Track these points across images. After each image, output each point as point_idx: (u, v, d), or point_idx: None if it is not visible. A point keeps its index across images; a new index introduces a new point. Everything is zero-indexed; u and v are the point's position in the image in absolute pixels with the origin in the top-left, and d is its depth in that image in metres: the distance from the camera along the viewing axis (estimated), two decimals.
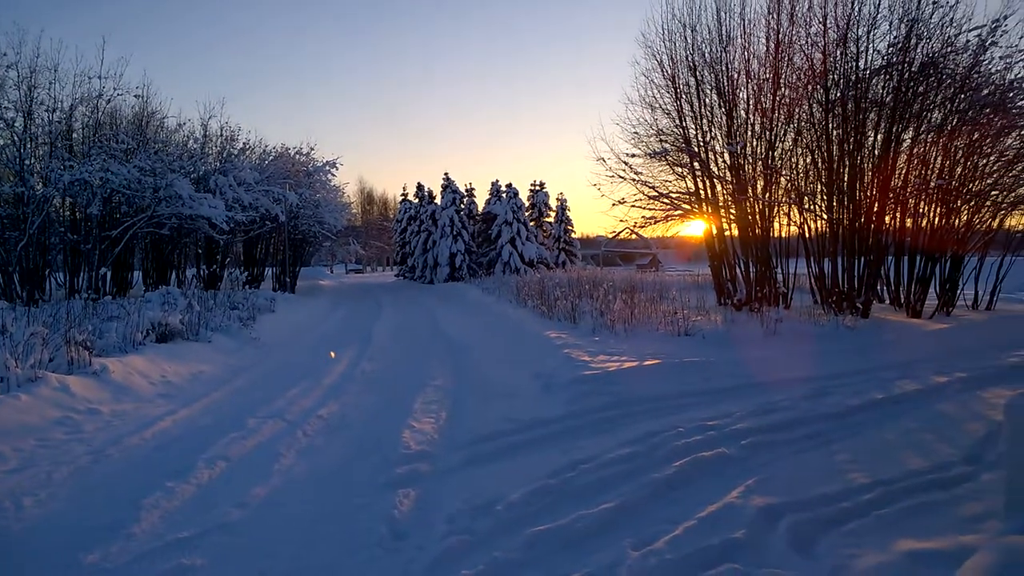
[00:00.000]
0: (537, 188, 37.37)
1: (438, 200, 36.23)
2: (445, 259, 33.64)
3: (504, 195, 34.10)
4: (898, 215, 13.64)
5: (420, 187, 38.04)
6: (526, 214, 34.80)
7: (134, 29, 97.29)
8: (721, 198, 13.96)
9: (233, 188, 19.45)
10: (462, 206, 35.49)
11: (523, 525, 3.84)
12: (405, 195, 40.43)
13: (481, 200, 36.59)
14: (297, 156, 25.53)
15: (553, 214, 37.35)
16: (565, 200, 37.45)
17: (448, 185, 35.22)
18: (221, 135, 22.24)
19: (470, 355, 10.29)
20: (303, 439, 5.86)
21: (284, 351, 11.20)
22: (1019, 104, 12.51)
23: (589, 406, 6.62)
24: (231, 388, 8.16)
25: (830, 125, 12.80)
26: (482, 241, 35.06)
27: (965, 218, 14.09)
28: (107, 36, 27.22)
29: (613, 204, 14.65)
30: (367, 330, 13.96)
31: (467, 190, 36.59)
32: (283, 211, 22.19)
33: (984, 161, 13.43)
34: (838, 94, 12.62)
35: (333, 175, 26.91)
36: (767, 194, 13.48)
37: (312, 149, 26.46)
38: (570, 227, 37.49)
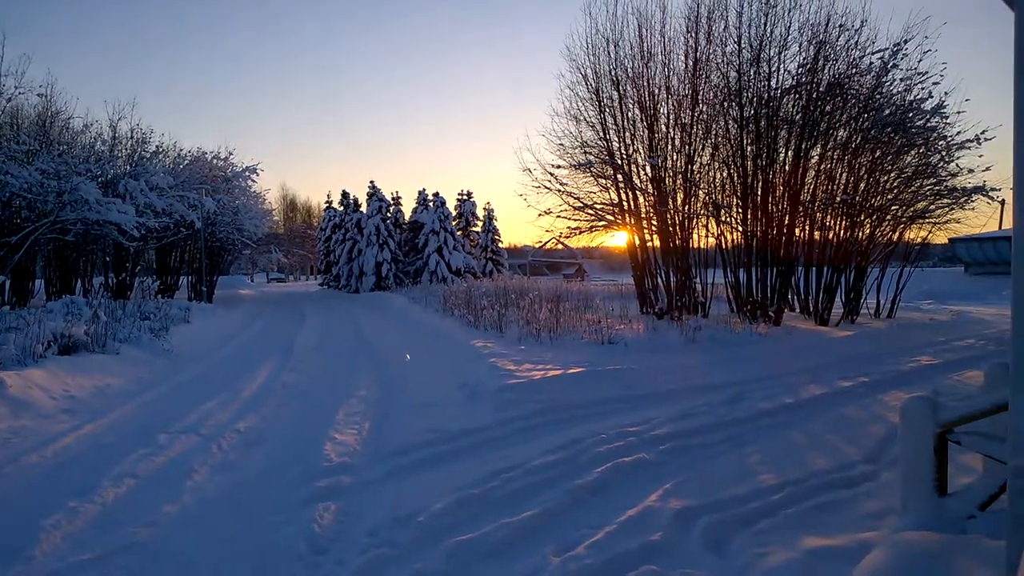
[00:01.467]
0: (464, 197, 37.37)
1: (364, 208, 35.70)
2: (371, 268, 33.15)
3: (431, 204, 33.92)
4: (807, 228, 14.40)
5: (345, 195, 37.41)
6: (453, 223, 34.73)
7: (38, 26, 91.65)
8: (643, 210, 14.34)
9: (145, 193, 18.58)
10: (388, 215, 35.09)
11: (446, 535, 3.82)
12: (330, 203, 39.68)
13: (408, 209, 36.29)
14: (215, 161, 24.63)
15: (480, 223, 37.42)
16: (492, 210, 37.62)
17: (374, 193, 34.76)
18: (132, 137, 21.17)
19: (395, 365, 10.17)
20: (218, 454, 5.64)
21: (200, 363, 10.75)
22: (917, 124, 13.47)
23: (514, 415, 6.64)
24: (141, 402, 7.76)
25: (744, 141, 13.37)
26: (409, 250, 34.74)
27: (868, 231, 15.02)
28: (7, 32, 25.48)
29: (539, 214, 14.85)
30: (289, 340, 13.58)
31: (393, 198, 36.21)
32: (199, 217, 21.37)
33: (885, 177, 14.36)
34: (752, 111, 13.21)
35: (253, 181, 26.14)
36: (686, 206, 13.94)
37: (231, 154, 25.63)
38: (497, 237, 37.63)
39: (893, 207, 14.72)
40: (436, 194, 34.01)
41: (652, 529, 3.79)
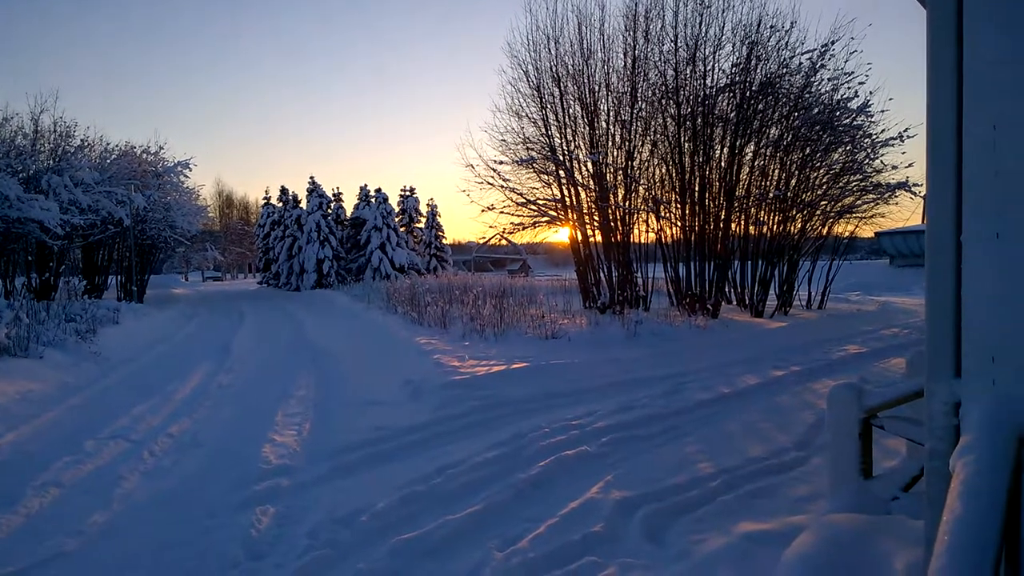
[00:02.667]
0: (407, 194, 36.98)
1: (304, 204, 34.88)
2: (312, 265, 32.47)
3: (373, 200, 33.43)
4: (743, 222, 14.84)
5: (284, 191, 36.50)
6: (396, 220, 34.31)
7: None
8: (585, 205, 14.51)
9: (69, 189, 17.71)
10: (329, 211, 34.40)
11: (388, 534, 3.78)
12: (268, 199, 38.63)
13: (349, 205, 35.63)
14: (144, 155, 23.61)
15: (424, 220, 37.08)
16: (436, 206, 37.31)
17: (314, 189, 34.01)
18: (55, 131, 20.08)
19: (337, 364, 10.00)
20: (150, 460, 5.44)
21: (130, 366, 10.33)
22: (844, 122, 14.02)
23: (458, 411, 6.63)
24: (66, 408, 7.40)
25: (682, 138, 13.67)
26: (351, 247, 34.16)
27: (800, 225, 15.58)
28: None
29: (482, 210, 14.84)
30: (226, 341, 13.18)
31: (335, 194, 35.53)
32: (128, 214, 20.49)
33: (815, 174, 14.92)
34: (689, 109, 13.52)
35: (186, 176, 25.19)
36: (627, 202, 14.16)
37: (161, 148, 24.57)
38: (441, 233, 37.38)
39: (822, 202, 15.31)
40: (378, 190, 33.54)
41: (594, 520, 3.84)
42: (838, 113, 13.81)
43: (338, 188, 36.08)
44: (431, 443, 5.67)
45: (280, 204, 36.73)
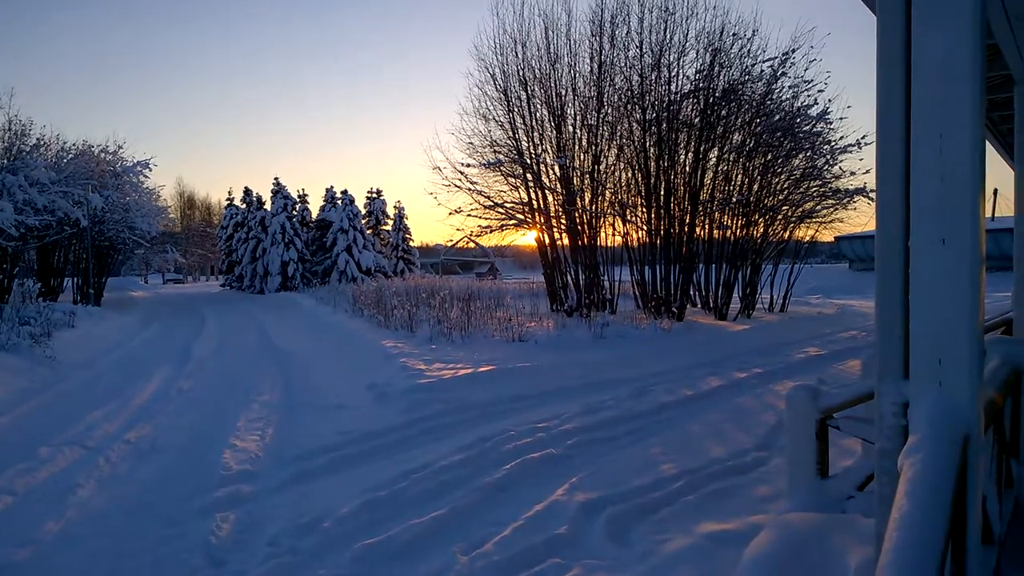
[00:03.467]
0: (374, 196, 36.71)
1: (268, 206, 34.34)
2: (276, 268, 32.01)
3: (340, 202, 33.09)
4: (707, 227, 15.06)
5: (248, 192, 35.87)
6: (363, 222, 34.04)
7: None
8: (552, 208, 14.57)
9: (24, 189, 17.17)
10: (294, 212, 33.95)
11: (351, 540, 3.74)
12: (231, 200, 37.99)
13: (315, 207, 35.23)
14: (103, 155, 23.03)
15: (391, 222, 36.84)
16: (403, 208, 37.09)
17: (279, 190, 33.53)
18: (10, 129, 19.48)
19: (302, 367, 9.88)
20: (106, 467, 5.30)
21: (86, 370, 10.06)
22: (804, 129, 14.34)
23: (424, 415, 6.60)
24: (20, 413, 7.18)
25: (647, 143, 13.82)
26: (316, 249, 33.76)
27: (762, 230, 15.89)
28: None
29: (450, 213, 14.82)
30: (186, 345, 12.91)
31: (300, 196, 35.10)
32: (85, 215, 19.95)
33: (777, 179, 15.22)
34: (654, 115, 13.68)
35: (146, 176, 24.64)
36: (594, 205, 14.27)
37: (120, 147, 23.99)
38: (408, 235, 37.16)
39: (784, 207, 15.63)
40: (345, 192, 33.21)
41: (558, 523, 3.85)
42: (798, 120, 14.11)
43: (303, 190, 35.54)
44: (396, 447, 5.63)
45: (244, 206, 36.11)
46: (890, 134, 1.94)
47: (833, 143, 14.53)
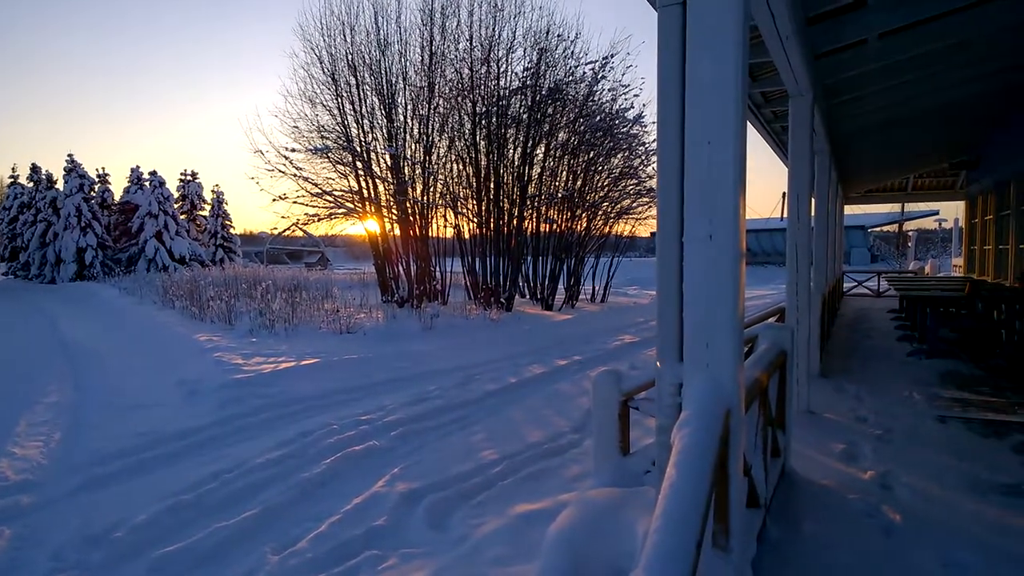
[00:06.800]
0: (188, 178, 33.88)
1: (61, 185, 30.47)
2: (72, 255, 28.55)
3: (148, 184, 30.16)
4: (535, 220, 15.61)
5: (36, 169, 31.58)
6: (176, 206, 31.34)
7: None
8: (384, 198, 14.33)
9: None
10: (93, 194, 30.43)
11: (148, 549, 3.47)
12: (15, 177, 33.22)
13: (118, 189, 31.84)
14: None
15: (208, 207, 34.22)
16: (222, 193, 34.50)
17: (74, 168, 29.84)
18: None
19: (99, 364, 8.93)
20: None
21: None
22: (623, 131, 15.31)
23: (240, 411, 6.26)
24: None
25: (478, 136, 14.04)
26: (120, 235, 30.53)
27: (585, 224, 16.76)
28: None
29: (274, 199, 14.06)
30: None
31: (100, 176, 31.53)
32: None
33: (598, 177, 16.13)
34: (484, 109, 13.91)
35: None
36: (425, 196, 14.24)
37: None
38: (228, 222, 34.66)
39: (604, 204, 16.61)
40: (153, 173, 30.32)
41: (377, 514, 3.84)
42: (617, 121, 15.05)
43: (104, 169, 31.94)
44: (206, 447, 5.29)
45: (31, 184, 31.76)
46: (669, 141, 2.14)
47: (647, 145, 15.67)
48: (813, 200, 6.41)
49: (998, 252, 10.18)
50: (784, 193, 23.07)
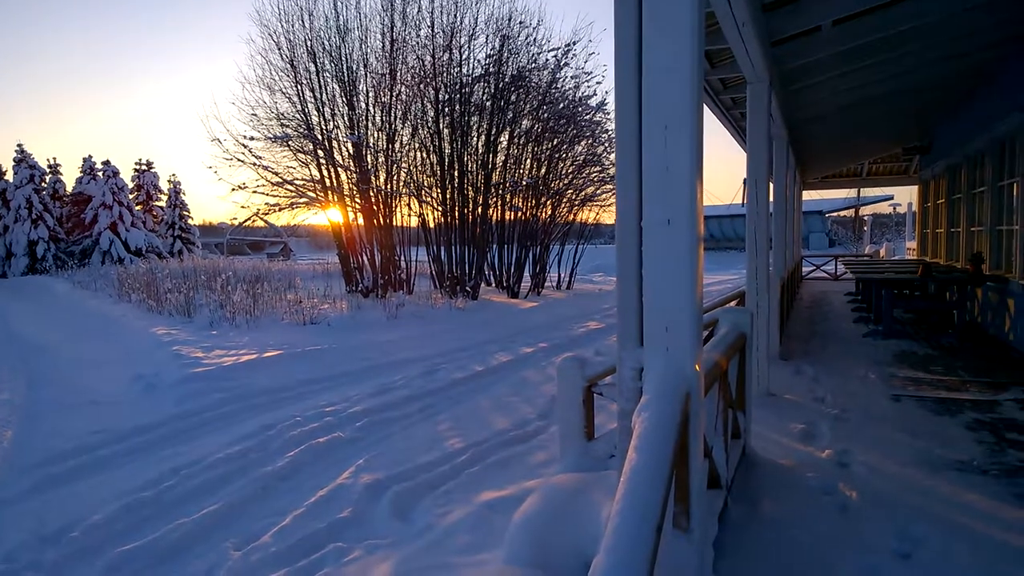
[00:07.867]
0: (144, 168, 32.98)
1: (10, 177, 29.40)
2: (22, 248, 27.64)
3: (101, 174, 29.28)
4: (500, 208, 15.59)
5: None
6: (131, 197, 30.51)
7: None
8: (347, 187, 14.16)
9: None
10: (44, 185, 29.46)
11: (105, 548, 3.39)
12: None
13: (70, 179, 30.85)
14: None
15: (165, 198, 33.37)
16: (179, 183, 33.62)
17: (24, 159, 28.84)
18: None
19: (51, 360, 8.67)
20: None
21: None
22: (586, 118, 15.34)
23: (200, 405, 6.13)
24: None
25: (441, 124, 13.94)
26: (73, 227, 29.62)
27: (550, 212, 16.79)
28: None
29: (233, 189, 13.82)
30: None
31: (51, 166, 30.53)
32: None
33: (562, 164, 16.16)
34: (447, 96, 13.80)
35: None
36: (389, 185, 14.10)
37: None
38: (187, 212, 33.81)
39: (568, 191, 16.66)
40: (107, 162, 29.46)
41: (342, 506, 3.81)
42: (580, 109, 15.09)
43: (55, 159, 30.92)
44: (165, 443, 5.17)
45: None
46: (626, 126, 2.14)
47: (610, 132, 15.72)
48: (771, 185, 6.51)
49: (950, 235, 10.49)
50: (745, 180, 23.38)
